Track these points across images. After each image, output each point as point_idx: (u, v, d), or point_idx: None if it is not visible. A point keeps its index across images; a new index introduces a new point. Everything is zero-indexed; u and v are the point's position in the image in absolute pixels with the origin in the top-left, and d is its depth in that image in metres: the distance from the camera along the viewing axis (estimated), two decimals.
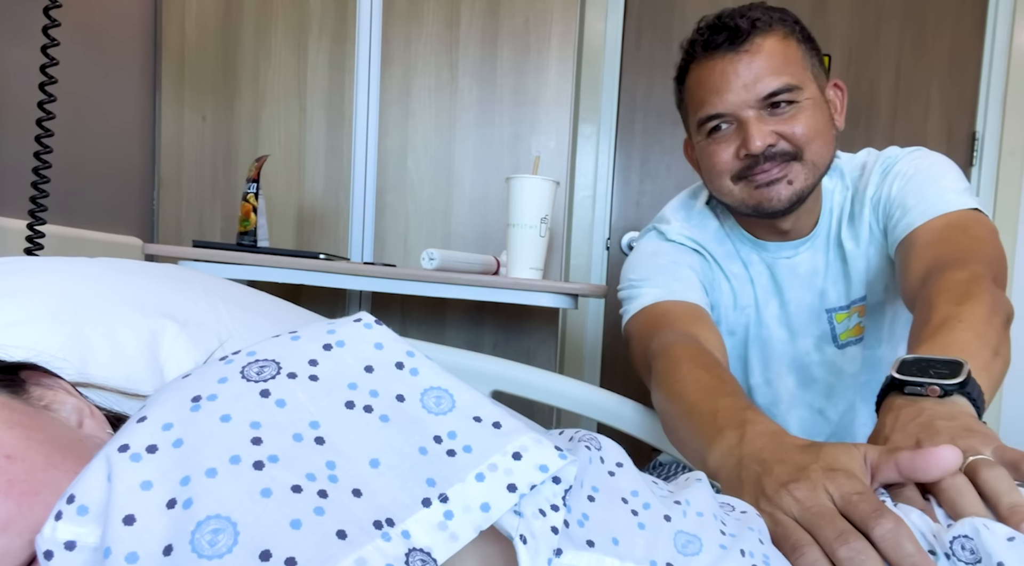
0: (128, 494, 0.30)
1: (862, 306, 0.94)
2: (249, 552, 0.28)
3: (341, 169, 1.55)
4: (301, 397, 0.34)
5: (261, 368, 0.35)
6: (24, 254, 0.98)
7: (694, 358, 0.74)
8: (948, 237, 0.78)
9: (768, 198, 0.85)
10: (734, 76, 0.82)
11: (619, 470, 0.42)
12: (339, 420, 0.34)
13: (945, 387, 0.55)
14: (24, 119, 1.09)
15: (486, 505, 0.33)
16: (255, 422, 0.32)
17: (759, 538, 0.42)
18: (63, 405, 0.44)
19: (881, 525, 0.41)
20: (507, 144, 1.54)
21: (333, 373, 0.36)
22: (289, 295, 1.40)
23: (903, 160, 0.89)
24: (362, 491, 0.31)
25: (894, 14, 2.02)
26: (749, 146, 0.82)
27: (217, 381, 0.34)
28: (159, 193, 1.56)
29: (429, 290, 1.15)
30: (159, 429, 0.32)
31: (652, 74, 2.07)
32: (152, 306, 0.61)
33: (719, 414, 0.61)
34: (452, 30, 1.52)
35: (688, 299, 0.89)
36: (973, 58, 2.01)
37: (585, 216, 2.06)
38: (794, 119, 0.83)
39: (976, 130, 2.01)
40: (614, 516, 0.38)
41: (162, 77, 1.54)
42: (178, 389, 0.34)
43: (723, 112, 0.84)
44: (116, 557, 0.28)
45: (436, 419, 0.36)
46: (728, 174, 0.87)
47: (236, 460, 0.30)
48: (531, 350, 1.56)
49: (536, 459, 0.35)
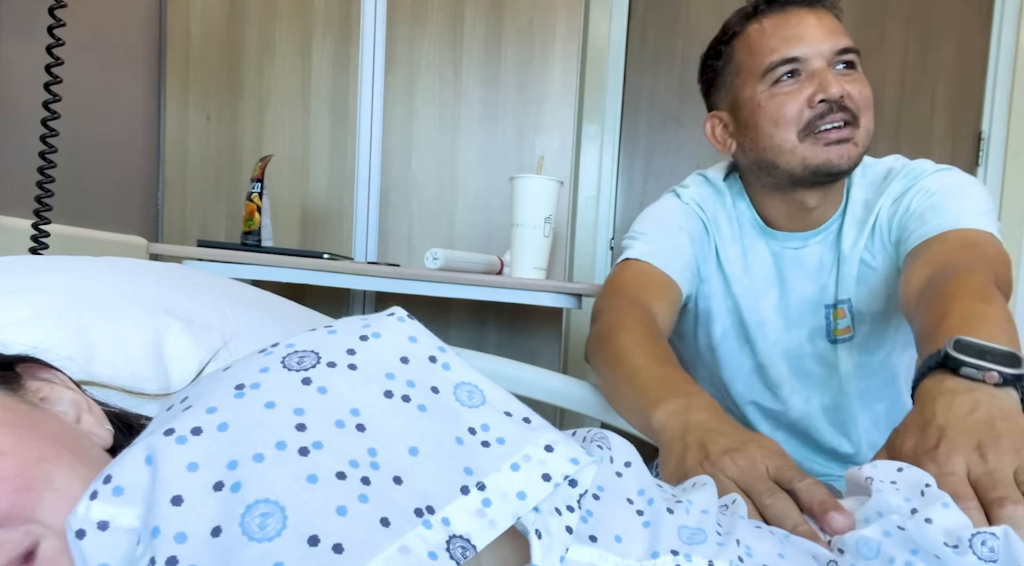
0: (175, 475, 0.30)
1: (843, 309, 0.93)
2: (298, 537, 0.28)
3: (345, 169, 1.55)
4: (341, 385, 0.35)
5: (301, 358, 0.36)
6: (29, 253, 0.98)
7: (644, 326, 0.79)
8: (958, 249, 0.77)
9: (839, 155, 0.84)
10: (813, 26, 0.84)
11: (627, 470, 0.42)
12: (378, 408, 0.34)
13: (1005, 375, 0.52)
14: (29, 118, 1.09)
15: (522, 493, 0.34)
16: (299, 408, 0.33)
17: (750, 527, 0.42)
18: (60, 399, 0.43)
19: (803, 480, 0.49)
20: (511, 144, 1.54)
21: (371, 362, 0.36)
22: (293, 294, 1.40)
23: (931, 176, 0.87)
24: (403, 478, 0.32)
25: (899, 13, 2.01)
26: (827, 90, 0.82)
27: (259, 370, 0.35)
28: (164, 193, 1.57)
29: (433, 290, 1.15)
30: (203, 413, 0.32)
31: (656, 74, 2.07)
32: (156, 305, 0.61)
33: (667, 381, 0.67)
34: (456, 30, 1.52)
35: (666, 269, 0.91)
36: (979, 57, 2.00)
37: (589, 216, 2.06)
38: (858, 82, 0.85)
39: (982, 130, 2.01)
40: (618, 515, 0.39)
41: (167, 77, 1.55)
42: (220, 379, 0.35)
43: (799, 56, 0.84)
44: (165, 537, 0.29)
45: (469, 411, 0.36)
46: (795, 126, 0.85)
47: (282, 446, 0.31)
48: (535, 350, 1.56)
49: (567, 453, 0.36)
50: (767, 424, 1.02)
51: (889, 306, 0.92)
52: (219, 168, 1.57)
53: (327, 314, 0.95)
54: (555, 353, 1.56)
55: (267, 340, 0.66)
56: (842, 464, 1.03)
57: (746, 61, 0.88)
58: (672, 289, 0.91)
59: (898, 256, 0.88)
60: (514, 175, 1.15)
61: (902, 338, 0.97)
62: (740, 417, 1.04)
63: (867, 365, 0.96)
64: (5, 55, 1.09)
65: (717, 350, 1.00)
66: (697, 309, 1.00)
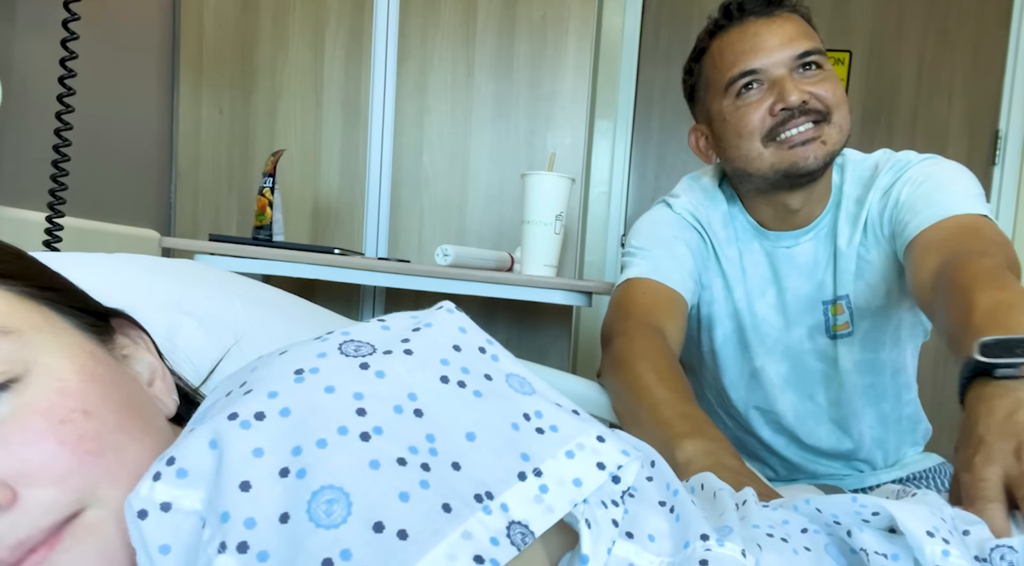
0: (242, 461, 0.30)
1: (840, 305, 0.93)
2: (363, 523, 0.29)
3: (356, 164, 1.55)
4: (399, 369, 0.35)
5: (358, 346, 0.36)
6: (43, 246, 0.99)
7: (665, 357, 0.79)
8: (960, 236, 0.77)
9: (804, 156, 0.85)
10: (768, 35, 0.86)
11: (653, 470, 0.43)
12: (435, 393, 0.34)
13: None
14: (44, 112, 1.10)
15: (578, 480, 0.34)
16: (358, 393, 0.33)
17: (767, 528, 0.42)
18: (140, 360, 0.45)
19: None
20: (523, 140, 1.53)
21: (426, 349, 0.36)
22: (303, 290, 1.41)
23: (916, 166, 0.87)
24: (461, 464, 0.32)
25: (917, 9, 1.99)
26: (786, 99, 0.84)
27: (317, 356, 0.34)
28: (176, 186, 1.58)
29: (443, 286, 1.15)
30: (265, 397, 0.32)
31: (670, 70, 2.05)
32: (169, 301, 0.61)
33: (692, 419, 0.68)
34: (469, 24, 1.52)
35: (670, 283, 0.91)
36: (997, 54, 1.97)
37: (600, 213, 2.05)
38: (824, 82, 0.86)
39: (999, 128, 1.98)
40: (650, 514, 0.39)
41: (180, 70, 1.55)
42: (278, 363, 0.35)
43: (757, 68, 0.86)
44: (235, 522, 0.29)
45: (523, 398, 0.37)
46: (759, 134, 0.87)
47: (344, 431, 0.31)
48: (544, 347, 1.56)
49: (618, 444, 0.37)
50: (769, 428, 1.02)
51: (888, 301, 0.92)
52: (231, 162, 1.57)
53: (337, 310, 0.96)
54: (564, 351, 1.56)
55: (278, 338, 0.66)
56: (845, 462, 1.03)
57: (712, 77, 0.91)
58: (679, 303, 0.91)
59: (893, 249, 0.88)
60: (525, 172, 1.15)
61: (904, 333, 0.96)
62: (743, 422, 1.04)
63: (870, 361, 0.96)
64: (20, 48, 1.09)
65: (718, 354, 1.00)
66: (700, 315, 1.01)
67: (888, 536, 0.40)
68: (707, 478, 0.49)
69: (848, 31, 2.01)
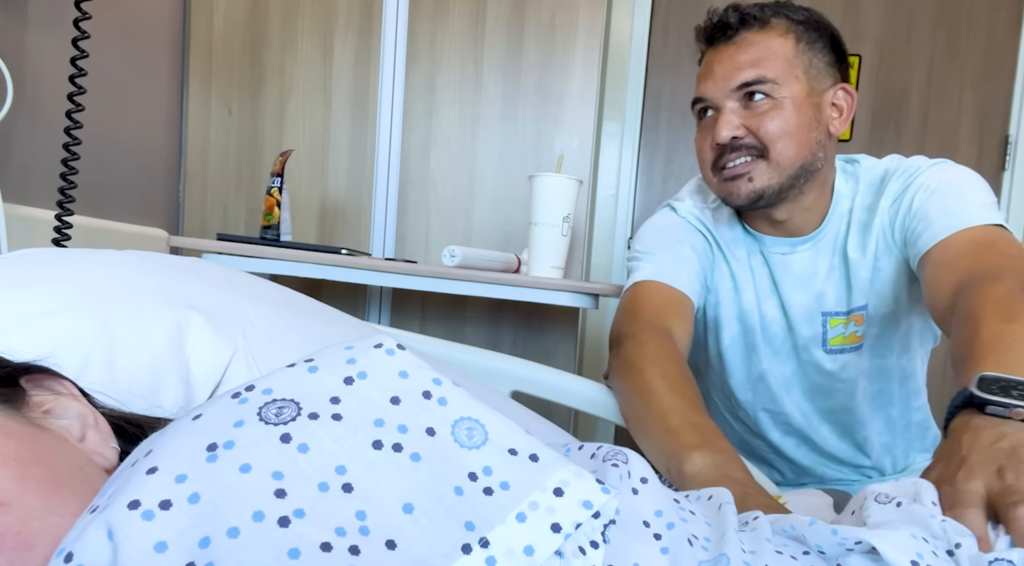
0: (141, 558, 0.27)
1: (861, 315, 0.92)
2: None
3: (364, 165, 1.56)
4: (325, 440, 0.31)
5: (280, 409, 0.32)
6: (52, 244, 0.99)
7: (675, 363, 0.79)
8: (976, 253, 0.76)
9: (729, 192, 0.88)
10: (717, 65, 0.87)
11: (643, 487, 0.41)
12: (367, 462, 0.31)
13: None
14: (54, 110, 1.10)
15: (529, 548, 0.31)
16: (277, 472, 0.30)
17: (775, 550, 0.41)
18: (66, 411, 0.40)
19: None
20: (530, 142, 1.53)
21: (357, 410, 0.33)
22: (311, 289, 1.41)
23: (927, 172, 0.86)
24: (396, 542, 0.29)
25: (927, 14, 1.98)
26: (718, 135, 0.85)
27: (233, 425, 0.31)
28: (185, 186, 1.58)
29: (450, 287, 1.15)
30: (172, 482, 0.29)
31: (678, 72, 2.05)
32: (178, 298, 0.61)
33: (702, 430, 0.68)
34: (478, 26, 1.52)
35: (677, 285, 0.91)
36: (1008, 59, 1.96)
37: (607, 215, 2.05)
38: (765, 115, 0.84)
39: (1009, 134, 1.97)
40: (635, 541, 0.37)
41: (190, 70, 1.56)
42: (190, 435, 0.31)
43: (705, 96, 0.88)
44: None
45: (469, 453, 0.33)
46: (708, 164, 0.90)
47: (259, 517, 0.28)
48: (550, 349, 1.56)
49: (579, 494, 0.33)
50: (778, 430, 1.02)
51: (898, 307, 0.91)
52: (240, 162, 1.58)
53: (344, 310, 0.96)
54: (571, 353, 1.56)
55: (285, 334, 0.66)
56: (855, 469, 1.03)
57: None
58: (687, 305, 0.91)
59: (905, 257, 0.87)
60: (533, 173, 1.15)
61: (915, 338, 0.96)
62: (751, 424, 1.03)
63: (878, 368, 0.95)
64: (31, 47, 1.10)
65: (725, 356, 1.00)
66: (706, 318, 1.00)
67: (876, 559, 0.39)
68: (717, 491, 0.48)
69: (858, 35, 2.00)
